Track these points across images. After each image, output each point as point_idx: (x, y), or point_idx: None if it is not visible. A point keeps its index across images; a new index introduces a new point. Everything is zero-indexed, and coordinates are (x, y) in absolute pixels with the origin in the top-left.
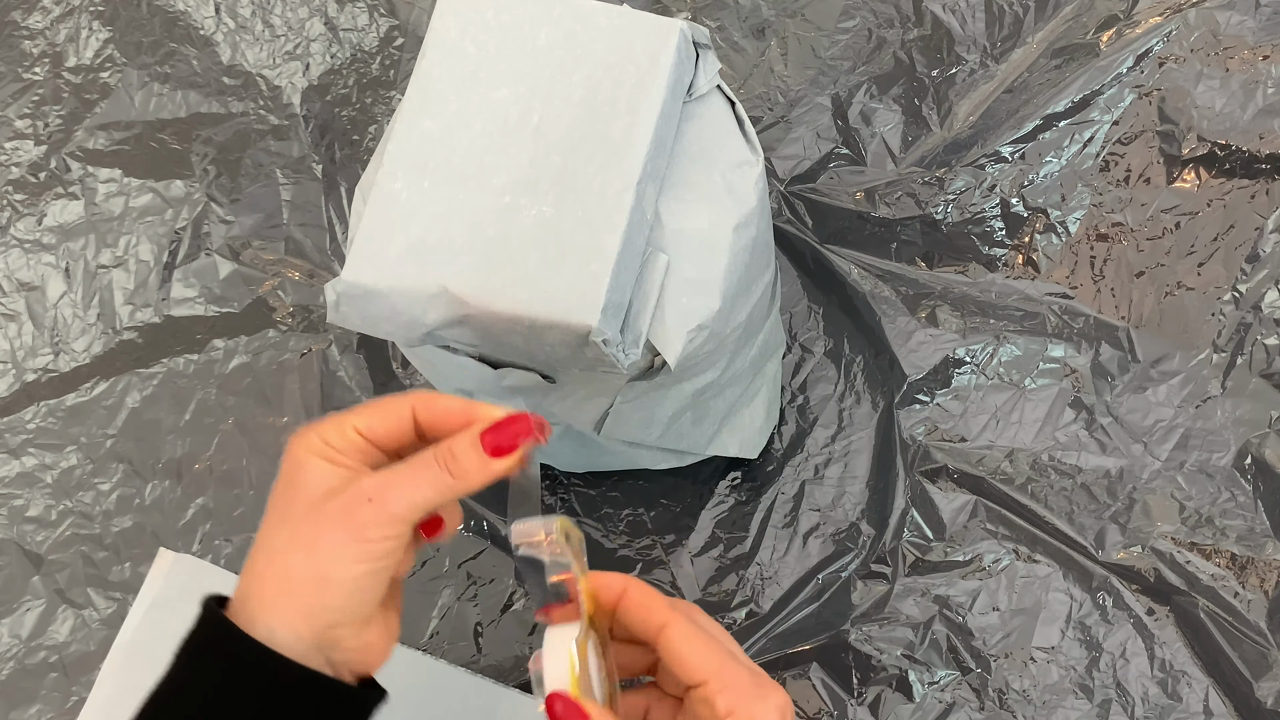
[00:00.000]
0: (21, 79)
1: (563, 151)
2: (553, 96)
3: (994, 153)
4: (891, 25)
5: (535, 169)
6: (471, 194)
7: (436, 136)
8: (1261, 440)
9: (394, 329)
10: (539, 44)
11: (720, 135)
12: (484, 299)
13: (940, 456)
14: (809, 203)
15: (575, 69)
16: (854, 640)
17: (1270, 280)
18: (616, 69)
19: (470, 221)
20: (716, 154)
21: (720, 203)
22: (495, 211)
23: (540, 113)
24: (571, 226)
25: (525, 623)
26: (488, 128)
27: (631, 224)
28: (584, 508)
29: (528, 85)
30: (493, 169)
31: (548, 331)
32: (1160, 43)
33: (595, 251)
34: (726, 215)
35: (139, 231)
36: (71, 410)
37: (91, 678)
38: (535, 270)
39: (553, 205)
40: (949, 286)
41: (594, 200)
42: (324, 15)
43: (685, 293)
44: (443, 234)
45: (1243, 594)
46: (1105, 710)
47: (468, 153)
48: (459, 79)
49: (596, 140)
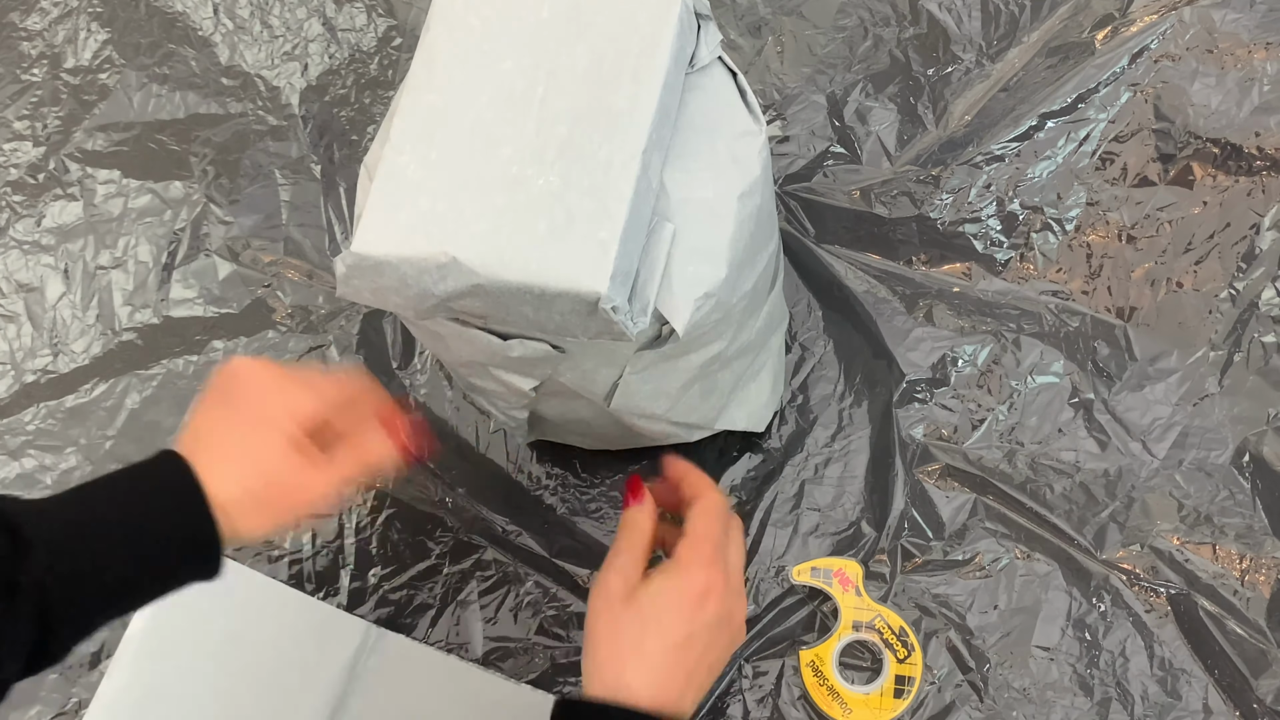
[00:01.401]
0: (20, 80)
1: (568, 122)
2: (557, 68)
3: (990, 151)
4: (888, 24)
5: (541, 139)
6: (478, 165)
7: (442, 109)
8: (1259, 438)
9: (403, 301)
10: (542, 16)
11: (723, 105)
12: (493, 268)
13: (939, 455)
14: (805, 202)
15: (579, 40)
16: (853, 639)
17: (1267, 278)
18: (620, 40)
19: (478, 192)
20: (720, 124)
21: (725, 172)
22: (503, 182)
23: (545, 84)
24: (578, 195)
25: (525, 622)
26: (493, 100)
27: (638, 193)
28: (584, 508)
29: (532, 57)
30: (499, 140)
31: (557, 300)
32: (1156, 41)
33: (603, 219)
34: (731, 184)
35: (138, 232)
36: (71, 411)
37: (92, 679)
38: (544, 239)
39: (559, 175)
40: (946, 286)
41: (600, 170)
42: (322, 15)
43: (691, 261)
44: (451, 205)
45: (1241, 591)
46: (1105, 708)
47: (474, 125)
48: (463, 52)
49: (601, 110)
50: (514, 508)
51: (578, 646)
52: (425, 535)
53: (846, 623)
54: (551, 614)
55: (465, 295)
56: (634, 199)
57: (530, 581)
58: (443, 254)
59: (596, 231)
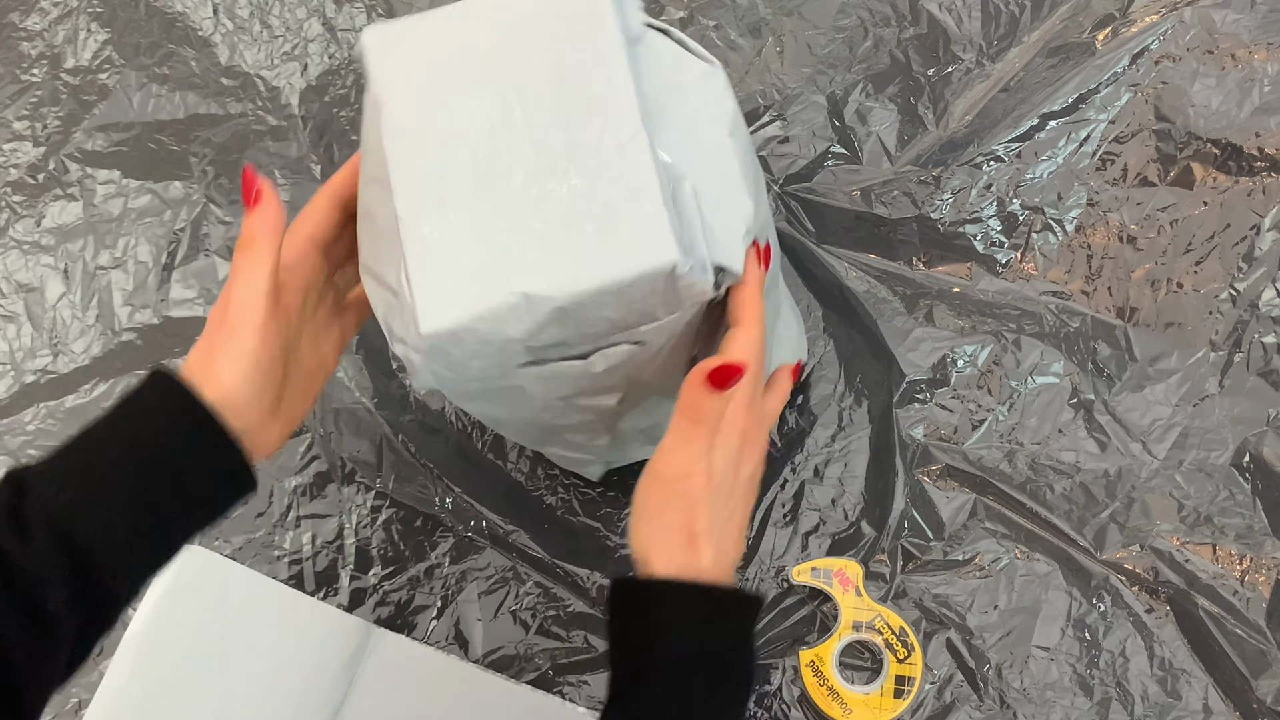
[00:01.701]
0: (20, 80)
1: (561, 127)
2: (523, 85)
3: (990, 152)
4: (888, 24)
5: (544, 153)
6: (499, 202)
7: (436, 170)
8: (1259, 438)
9: (487, 362)
10: (483, 49)
11: (672, 61)
12: (566, 286)
13: (939, 456)
14: (805, 203)
15: (529, 53)
16: (853, 639)
17: (1267, 278)
18: (565, 37)
19: (512, 226)
20: (678, 78)
21: (705, 116)
22: (530, 206)
23: (520, 104)
24: (606, 186)
25: (524, 622)
26: (479, 139)
27: (655, 162)
28: (584, 508)
29: (494, 86)
30: (505, 172)
31: (634, 287)
32: (1156, 41)
33: (640, 197)
34: (717, 125)
35: (138, 233)
36: (71, 412)
37: (92, 679)
38: (596, 238)
39: (579, 176)
40: (946, 286)
41: (614, 156)
42: (322, 16)
43: (719, 209)
44: (492, 249)
45: (1241, 592)
46: (1105, 708)
47: (474, 170)
48: (427, 112)
49: (585, 104)
50: (514, 508)
51: (578, 647)
52: (425, 535)
53: (846, 623)
54: (551, 614)
55: (547, 326)
56: (657, 168)
57: (530, 582)
58: (511, 295)
59: (640, 210)
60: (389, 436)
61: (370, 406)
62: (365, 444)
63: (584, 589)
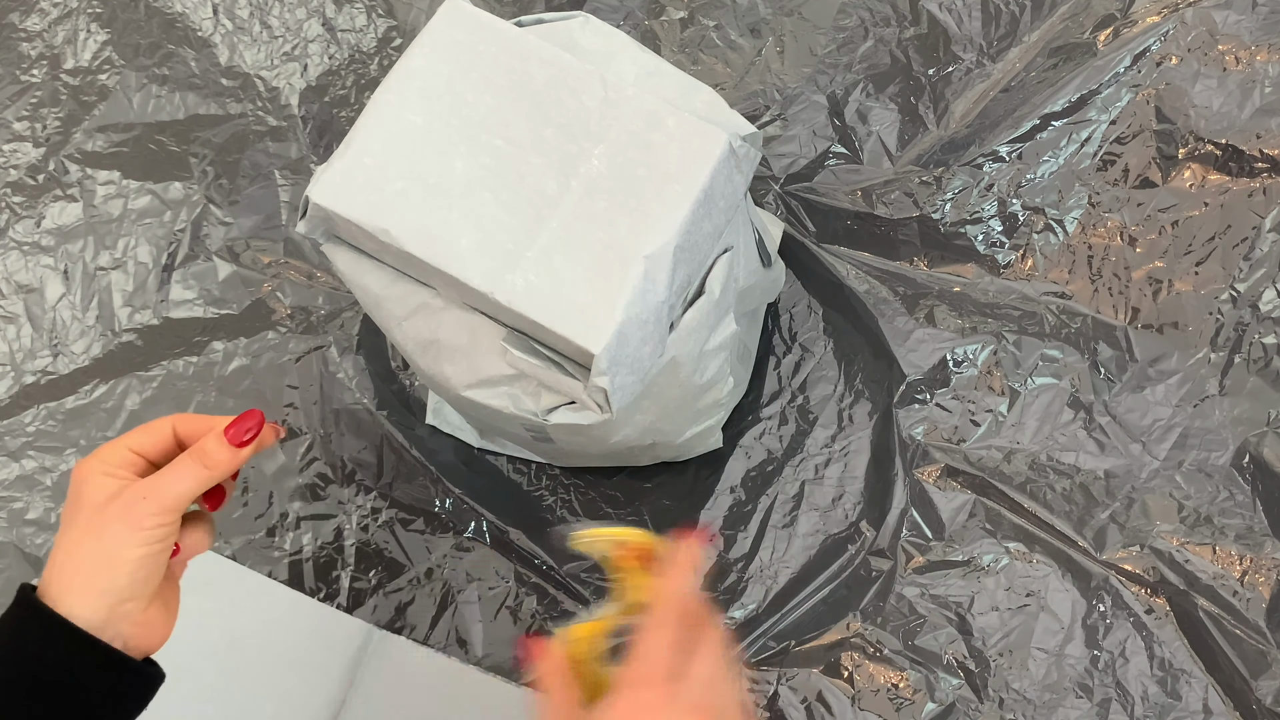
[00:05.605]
0: (19, 81)
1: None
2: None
3: (991, 152)
4: (888, 24)
5: (578, 182)
6: (534, 217)
7: (476, 238)
8: (1260, 439)
9: (654, 345)
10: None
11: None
12: None
13: (939, 456)
14: (806, 203)
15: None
16: (853, 640)
17: (1268, 279)
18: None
19: (549, 249)
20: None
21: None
22: (559, 230)
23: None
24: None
25: (524, 624)
26: (489, 180)
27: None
28: (584, 508)
29: (489, 141)
30: (534, 188)
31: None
32: (1157, 42)
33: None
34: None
35: (138, 233)
36: (71, 413)
37: None
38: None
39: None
40: (947, 286)
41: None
42: (322, 16)
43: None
44: (571, 264)
45: (1241, 592)
46: (1105, 709)
47: (502, 207)
48: (428, 204)
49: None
50: (513, 509)
51: None
52: (425, 537)
53: (624, 605)
54: (551, 616)
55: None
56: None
57: (530, 583)
58: (631, 276)
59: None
60: (389, 437)
61: (370, 407)
62: (365, 445)
63: (583, 591)
